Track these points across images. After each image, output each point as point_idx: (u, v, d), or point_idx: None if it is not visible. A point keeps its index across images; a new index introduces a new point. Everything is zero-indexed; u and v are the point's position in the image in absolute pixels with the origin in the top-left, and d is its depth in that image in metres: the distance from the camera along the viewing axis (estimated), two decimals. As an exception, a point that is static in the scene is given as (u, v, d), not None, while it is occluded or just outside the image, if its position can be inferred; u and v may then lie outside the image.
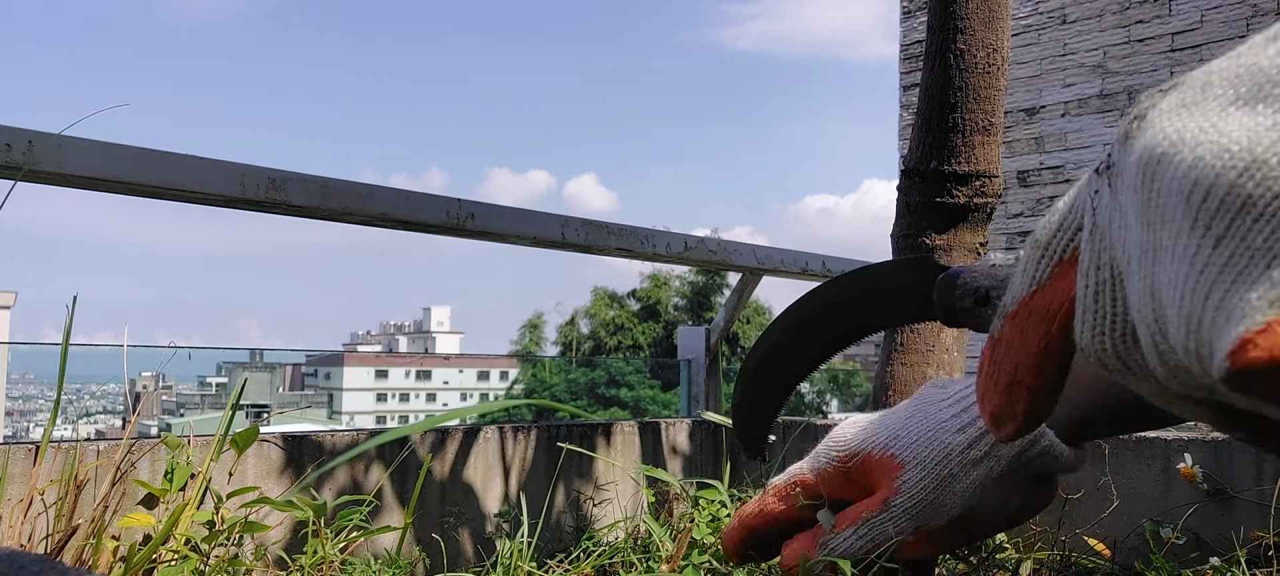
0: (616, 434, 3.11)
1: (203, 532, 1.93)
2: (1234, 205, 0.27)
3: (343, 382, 69.97)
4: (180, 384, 43.99)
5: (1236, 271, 0.26)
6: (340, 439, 2.48)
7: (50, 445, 1.96)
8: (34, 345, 2.88)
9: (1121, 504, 2.71)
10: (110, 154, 1.93)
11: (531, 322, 34.81)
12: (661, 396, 25.58)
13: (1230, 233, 0.27)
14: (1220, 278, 0.27)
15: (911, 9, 7.64)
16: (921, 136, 2.24)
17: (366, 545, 2.38)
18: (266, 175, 2.16)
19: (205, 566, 1.85)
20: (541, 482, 2.87)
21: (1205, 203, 0.28)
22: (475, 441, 2.74)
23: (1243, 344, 0.26)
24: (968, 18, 2.22)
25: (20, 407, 46.14)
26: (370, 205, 2.36)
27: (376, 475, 2.50)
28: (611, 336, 31.35)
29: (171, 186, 2.02)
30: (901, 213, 2.22)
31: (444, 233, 2.60)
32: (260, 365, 30.69)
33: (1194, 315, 0.27)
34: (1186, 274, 0.28)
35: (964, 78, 2.22)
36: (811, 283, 0.54)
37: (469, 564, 2.57)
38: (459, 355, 27.16)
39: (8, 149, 1.76)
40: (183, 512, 1.92)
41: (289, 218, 2.30)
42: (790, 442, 3.24)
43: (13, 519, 1.79)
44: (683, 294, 31.72)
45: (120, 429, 7.94)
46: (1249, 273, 0.26)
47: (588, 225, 2.87)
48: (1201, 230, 0.27)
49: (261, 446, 2.32)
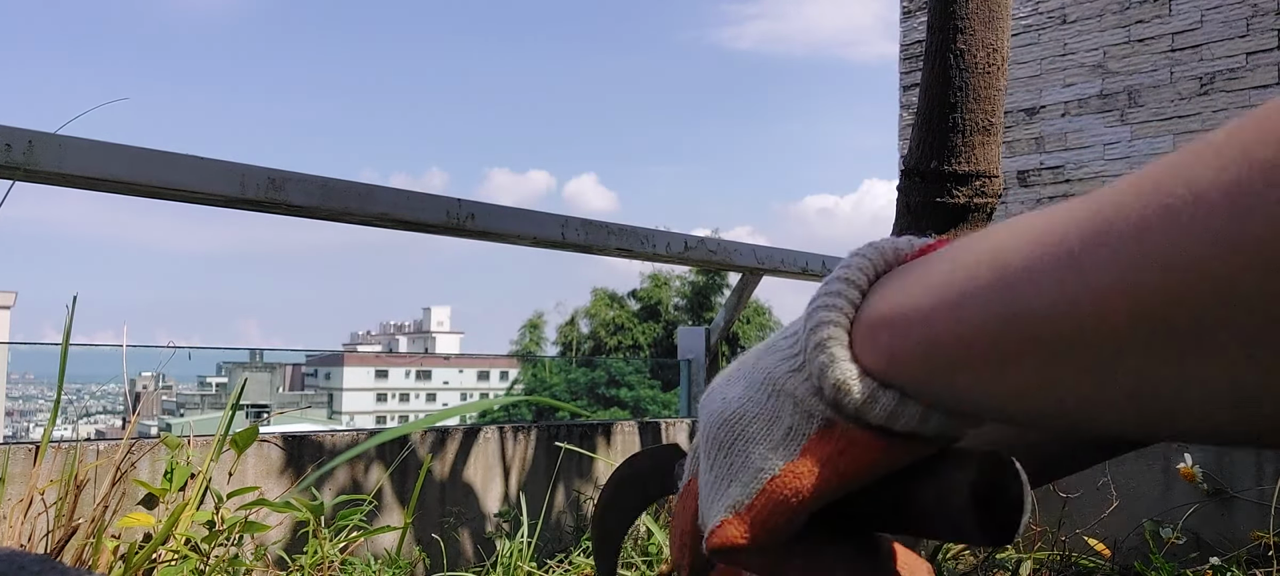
0: (616, 434, 3.12)
1: (203, 532, 1.92)
2: (719, 443, 0.43)
3: (343, 382, 69.95)
4: (180, 384, 43.94)
5: (719, 486, 0.42)
6: (340, 439, 2.48)
7: (50, 445, 1.96)
8: (34, 345, 2.88)
9: (1121, 504, 2.71)
10: (110, 154, 1.93)
11: (531, 323, 34.80)
12: (662, 396, 25.57)
13: (716, 461, 0.43)
14: (715, 487, 0.43)
15: (911, 9, 7.63)
16: (921, 136, 2.24)
17: (366, 545, 2.38)
18: (266, 175, 2.17)
19: (205, 566, 1.85)
20: (541, 482, 2.87)
21: (715, 435, 0.43)
22: (475, 441, 2.74)
23: (712, 533, 0.42)
24: (968, 18, 2.22)
25: (20, 407, 46.09)
26: (370, 205, 2.36)
27: (376, 475, 2.50)
28: (612, 336, 31.34)
29: (171, 186, 2.03)
30: (902, 212, 2.22)
31: (444, 232, 2.60)
32: (260, 365, 30.67)
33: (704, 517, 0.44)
34: (707, 486, 0.44)
35: (964, 78, 2.22)
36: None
37: (469, 564, 2.57)
38: (459, 355, 27.15)
39: (8, 149, 1.76)
40: (182, 512, 1.92)
41: (289, 217, 2.30)
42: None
43: (13, 519, 1.79)
44: (683, 294, 31.72)
45: (120, 429, 7.92)
46: (720, 487, 0.42)
47: (588, 225, 2.87)
48: (715, 454, 0.43)
49: (261, 446, 2.32)
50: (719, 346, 3.58)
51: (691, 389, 3.51)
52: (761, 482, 0.40)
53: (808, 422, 0.39)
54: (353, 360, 72.54)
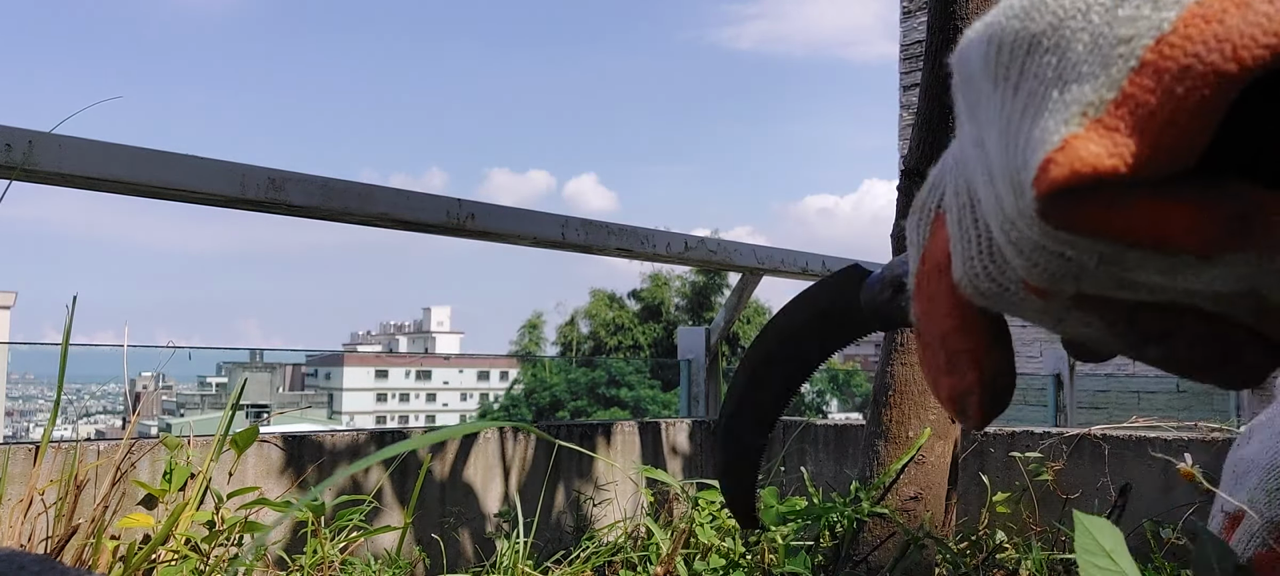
0: (616, 434, 3.11)
1: (202, 532, 1.92)
2: (1022, 48, 0.27)
3: (343, 382, 69.92)
4: (180, 384, 43.93)
5: (1036, 106, 0.26)
6: (340, 439, 2.48)
7: (50, 445, 1.96)
8: (34, 345, 2.88)
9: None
10: (109, 154, 1.93)
11: (531, 323, 34.80)
12: (662, 396, 25.55)
13: (1025, 74, 0.26)
14: (1022, 119, 0.26)
15: (911, 9, 7.63)
16: (921, 136, 2.24)
17: (366, 545, 2.38)
18: (266, 175, 2.17)
19: (205, 566, 1.85)
20: (541, 483, 2.87)
21: (999, 57, 0.27)
22: (475, 442, 2.74)
23: (1044, 165, 0.25)
24: (968, 18, 2.22)
25: (20, 407, 46.07)
26: (370, 205, 2.36)
27: (376, 475, 2.50)
28: (612, 336, 31.34)
29: (171, 186, 2.03)
30: (901, 212, 2.22)
31: (444, 233, 2.60)
32: (260, 365, 30.66)
33: (1014, 169, 0.27)
34: (1001, 134, 0.27)
35: (964, 78, 2.22)
36: (811, 282, 0.54)
37: (469, 564, 2.57)
38: (459, 355, 27.14)
39: (7, 149, 1.76)
40: (182, 512, 1.92)
41: (289, 217, 2.30)
42: (789, 443, 3.23)
43: (13, 519, 1.79)
44: (683, 294, 31.70)
45: (120, 429, 7.92)
46: (1045, 102, 0.26)
47: (588, 225, 2.87)
48: (1003, 85, 0.27)
49: (261, 446, 2.32)
50: (719, 346, 3.58)
51: (691, 389, 3.51)
52: (1140, 50, 0.24)
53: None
54: (353, 360, 72.52)
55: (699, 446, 3.22)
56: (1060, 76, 0.25)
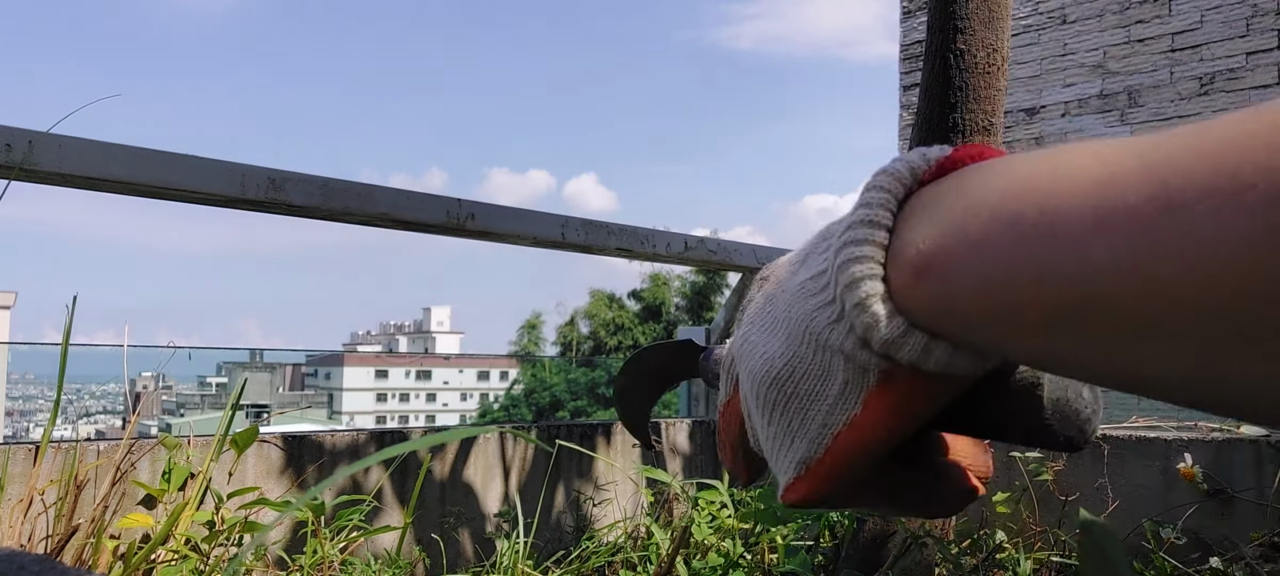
0: (616, 434, 3.11)
1: (202, 532, 1.92)
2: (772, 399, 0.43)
3: (343, 382, 69.94)
4: (180, 384, 43.92)
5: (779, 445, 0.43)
6: (340, 439, 2.48)
7: (50, 445, 1.96)
8: (34, 345, 2.89)
9: (1121, 503, 2.71)
10: (109, 154, 1.93)
11: (531, 323, 34.81)
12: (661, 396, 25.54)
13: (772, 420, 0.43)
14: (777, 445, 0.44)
15: (911, 9, 7.63)
16: (922, 136, 2.24)
17: (366, 545, 2.38)
18: (266, 175, 2.17)
19: (205, 566, 1.85)
20: (541, 483, 2.87)
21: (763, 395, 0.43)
22: (475, 442, 2.74)
23: (786, 490, 0.43)
24: (968, 18, 2.22)
25: (20, 407, 46.08)
26: (370, 205, 2.36)
27: (376, 475, 2.50)
28: (612, 336, 31.35)
29: (171, 186, 2.03)
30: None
31: (444, 233, 2.60)
32: (260, 365, 30.66)
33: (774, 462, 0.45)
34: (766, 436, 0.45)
35: (964, 78, 2.22)
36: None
37: (469, 564, 2.57)
38: (459, 355, 27.15)
39: (7, 149, 1.76)
40: (182, 512, 1.92)
41: (289, 217, 2.30)
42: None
43: (13, 518, 1.79)
44: (683, 294, 31.71)
45: (120, 429, 7.92)
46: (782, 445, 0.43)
47: (588, 225, 2.87)
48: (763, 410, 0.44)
49: (261, 446, 2.32)
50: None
51: (691, 389, 3.51)
52: (828, 439, 0.41)
53: (863, 376, 0.39)
54: (353, 360, 72.54)
55: (699, 446, 3.23)
56: (791, 433, 0.42)
